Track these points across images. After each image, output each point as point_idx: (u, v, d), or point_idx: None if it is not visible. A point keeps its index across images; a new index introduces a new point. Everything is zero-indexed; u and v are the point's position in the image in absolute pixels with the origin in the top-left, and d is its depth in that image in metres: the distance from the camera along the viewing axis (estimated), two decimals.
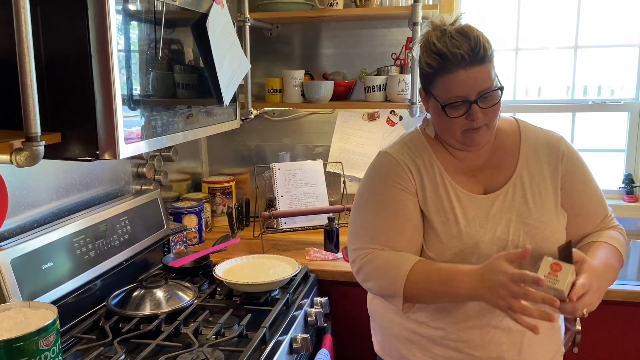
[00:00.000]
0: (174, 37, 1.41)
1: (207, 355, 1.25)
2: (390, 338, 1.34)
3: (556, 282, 1.03)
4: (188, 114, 1.45)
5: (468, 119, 1.14)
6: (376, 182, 1.27)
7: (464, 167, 1.25)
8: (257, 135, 2.47)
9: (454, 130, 1.17)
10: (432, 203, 1.22)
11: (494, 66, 1.14)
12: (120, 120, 1.13)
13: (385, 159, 1.27)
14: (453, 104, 1.13)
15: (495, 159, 1.25)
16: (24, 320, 1.03)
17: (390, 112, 2.33)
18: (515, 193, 1.22)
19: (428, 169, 1.24)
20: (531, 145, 1.25)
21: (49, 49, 1.10)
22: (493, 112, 1.15)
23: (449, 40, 1.11)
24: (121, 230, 1.63)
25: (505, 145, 1.26)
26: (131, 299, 1.50)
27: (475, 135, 1.17)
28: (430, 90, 1.18)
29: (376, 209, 1.25)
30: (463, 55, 1.09)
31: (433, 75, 1.15)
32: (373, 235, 1.24)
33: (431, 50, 1.13)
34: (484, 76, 1.12)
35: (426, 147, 1.26)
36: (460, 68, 1.10)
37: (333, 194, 2.36)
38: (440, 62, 1.12)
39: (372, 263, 1.21)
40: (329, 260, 1.93)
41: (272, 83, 2.24)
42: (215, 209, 2.35)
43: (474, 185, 1.24)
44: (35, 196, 1.45)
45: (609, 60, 2.25)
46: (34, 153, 1.00)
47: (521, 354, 1.22)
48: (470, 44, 1.09)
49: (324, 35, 2.34)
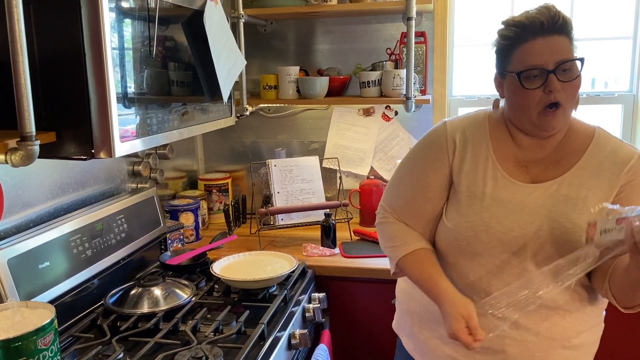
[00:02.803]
0: (167, 35, 1.40)
1: (205, 353, 1.25)
2: (404, 313, 1.38)
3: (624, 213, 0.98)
4: (183, 112, 1.45)
5: (545, 90, 1.10)
6: (418, 148, 1.32)
7: (521, 156, 1.22)
8: (253, 132, 2.47)
9: (531, 108, 1.13)
10: (466, 176, 1.22)
11: (574, 45, 1.13)
12: (115, 119, 1.13)
13: (439, 126, 1.30)
14: (529, 71, 1.11)
15: (555, 156, 1.21)
16: (22, 320, 1.03)
17: (385, 108, 2.33)
18: (560, 190, 1.17)
19: (476, 145, 1.23)
20: (599, 151, 1.19)
21: (42, 47, 1.09)
22: (572, 89, 1.12)
23: (529, 12, 1.12)
24: (118, 228, 1.63)
25: (571, 144, 1.21)
26: (129, 297, 1.50)
27: (552, 118, 1.12)
28: (506, 68, 1.16)
29: (405, 178, 1.33)
30: (542, 22, 1.09)
31: (509, 47, 1.14)
32: (395, 204, 1.33)
33: (509, 24, 1.14)
34: (564, 47, 1.10)
35: (484, 126, 1.25)
36: (538, 36, 1.09)
37: (329, 190, 2.36)
38: (518, 31, 1.12)
39: (385, 228, 1.33)
40: (326, 256, 1.93)
41: (267, 79, 2.24)
42: (211, 206, 2.35)
43: (521, 175, 1.21)
44: (30, 196, 1.44)
45: (602, 53, 2.25)
46: (28, 152, 1.00)
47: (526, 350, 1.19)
48: (550, 13, 1.09)
49: (318, 31, 2.33)
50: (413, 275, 1.25)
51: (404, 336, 1.40)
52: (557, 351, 1.19)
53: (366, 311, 1.83)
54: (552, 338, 1.18)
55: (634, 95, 2.22)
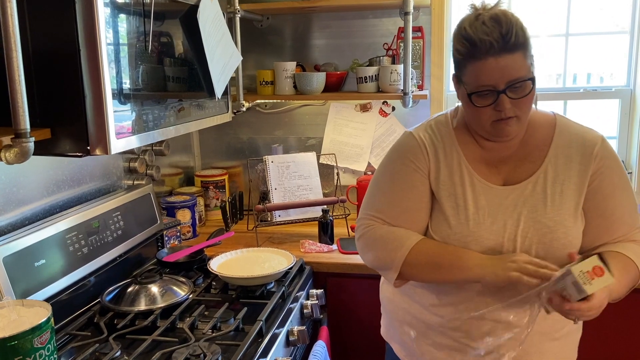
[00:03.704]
0: (163, 30, 1.39)
1: (203, 350, 1.24)
2: (394, 322, 1.37)
3: (588, 284, 0.99)
4: (179, 108, 1.44)
5: (496, 109, 1.10)
6: (392, 160, 1.29)
7: (488, 157, 1.22)
8: (250, 128, 2.46)
9: (483, 121, 1.14)
10: (444, 187, 1.21)
11: (530, 55, 1.09)
12: (111, 115, 1.12)
13: (406, 138, 1.28)
14: (480, 92, 1.10)
15: (522, 153, 1.21)
16: (18, 319, 1.02)
17: (382, 103, 2.32)
18: (535, 189, 1.18)
19: (447, 153, 1.23)
20: (564, 142, 1.19)
21: (36, 43, 1.08)
22: (524, 104, 1.10)
23: (480, 26, 1.06)
24: (114, 226, 1.62)
25: (535, 139, 1.21)
26: (126, 294, 1.50)
27: (504, 127, 1.12)
28: (461, 77, 1.15)
29: (387, 185, 1.28)
30: (492, 42, 1.05)
31: (462, 61, 1.11)
32: (379, 207, 1.27)
33: (461, 35, 1.09)
34: (515, 65, 1.07)
35: (450, 133, 1.24)
36: (489, 56, 1.06)
37: (327, 186, 2.36)
38: (469, 48, 1.08)
39: (375, 233, 1.25)
40: (324, 252, 1.93)
41: (263, 75, 2.23)
42: (208, 202, 2.34)
43: (494, 176, 1.21)
44: (26, 193, 1.43)
45: (599, 48, 2.25)
46: (23, 149, 0.99)
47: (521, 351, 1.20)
48: (502, 30, 1.05)
49: (315, 26, 2.32)
50: (434, 258, 1.18)
51: (395, 344, 1.39)
52: (547, 344, 1.22)
53: (364, 307, 1.83)
54: (542, 332, 1.21)
55: (631, 90, 2.21)
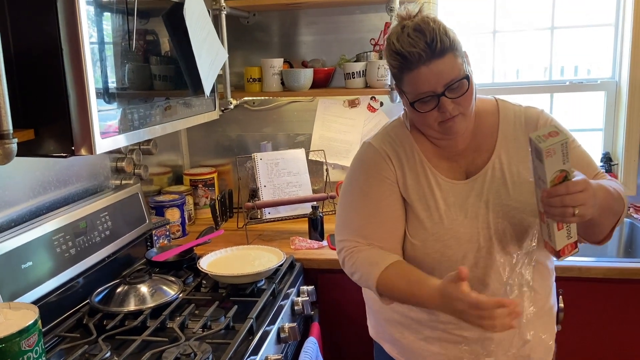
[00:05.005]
0: (148, 28, 1.38)
1: (194, 349, 1.24)
2: (382, 322, 1.37)
3: (542, 142, 0.99)
4: (166, 106, 1.43)
5: (439, 111, 1.13)
6: (358, 174, 1.29)
7: (446, 153, 1.25)
8: (238, 125, 2.45)
9: (430, 124, 1.17)
10: (414, 191, 1.23)
11: (460, 54, 1.12)
12: (95, 115, 1.11)
13: (367, 149, 1.28)
14: (421, 99, 1.13)
15: (475, 143, 1.25)
16: (5, 322, 1.01)
17: (370, 99, 2.32)
18: (494, 175, 1.22)
19: (409, 157, 1.24)
20: (509, 124, 1.24)
21: (18, 43, 1.07)
22: (465, 100, 1.13)
23: (406, 39, 1.10)
24: (102, 226, 1.61)
25: (484, 127, 1.25)
26: (115, 295, 1.49)
27: (452, 125, 1.15)
28: (401, 87, 1.18)
29: (358, 202, 1.27)
30: (420, 53, 1.08)
31: (398, 74, 1.15)
32: (355, 228, 1.27)
33: (392, 50, 1.13)
34: (447, 68, 1.10)
35: (407, 136, 1.26)
36: (420, 65, 1.09)
37: (316, 182, 2.36)
38: (400, 61, 1.12)
39: (353, 257, 1.25)
40: (314, 249, 1.93)
41: (250, 72, 2.22)
42: (197, 201, 2.33)
43: (456, 171, 1.24)
44: (11, 195, 1.41)
45: (585, 41, 2.26)
46: (6, 151, 0.98)
47: (511, 334, 1.23)
48: (427, 39, 1.08)
49: (301, 22, 2.31)
50: (398, 291, 1.17)
51: (385, 343, 1.40)
52: (536, 321, 1.26)
53: (355, 302, 1.83)
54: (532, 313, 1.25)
55: (616, 82, 2.23)
